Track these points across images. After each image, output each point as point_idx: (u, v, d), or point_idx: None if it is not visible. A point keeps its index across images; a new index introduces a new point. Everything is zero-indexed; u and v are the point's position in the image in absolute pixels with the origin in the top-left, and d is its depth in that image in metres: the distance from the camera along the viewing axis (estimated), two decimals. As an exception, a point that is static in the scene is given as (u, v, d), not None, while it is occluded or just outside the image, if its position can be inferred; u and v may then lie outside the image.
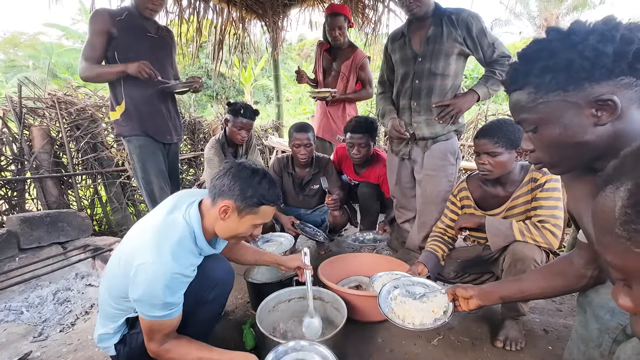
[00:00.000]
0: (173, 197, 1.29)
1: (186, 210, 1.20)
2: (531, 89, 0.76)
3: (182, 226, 1.15)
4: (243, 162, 1.22)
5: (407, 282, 1.42)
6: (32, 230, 2.44)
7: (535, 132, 0.80)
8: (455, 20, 1.87)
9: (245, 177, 1.16)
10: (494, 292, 1.14)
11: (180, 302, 1.14)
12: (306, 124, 2.49)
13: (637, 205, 0.37)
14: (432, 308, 1.26)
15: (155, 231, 1.13)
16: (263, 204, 1.18)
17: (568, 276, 1.04)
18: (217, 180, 1.19)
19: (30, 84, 3.05)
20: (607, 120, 0.71)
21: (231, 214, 1.17)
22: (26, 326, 1.85)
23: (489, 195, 1.68)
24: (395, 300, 1.34)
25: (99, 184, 3.30)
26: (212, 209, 1.20)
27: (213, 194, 1.19)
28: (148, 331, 1.14)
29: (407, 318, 1.24)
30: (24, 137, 2.91)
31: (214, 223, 1.20)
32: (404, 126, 2.03)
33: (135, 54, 2.07)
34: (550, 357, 1.48)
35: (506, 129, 1.52)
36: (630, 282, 0.42)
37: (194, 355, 1.17)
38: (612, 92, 0.69)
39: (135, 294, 1.08)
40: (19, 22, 65.78)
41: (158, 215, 1.20)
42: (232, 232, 1.21)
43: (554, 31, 0.74)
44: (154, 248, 1.07)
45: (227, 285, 1.33)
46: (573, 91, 0.71)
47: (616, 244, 0.40)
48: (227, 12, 3.94)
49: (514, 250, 1.47)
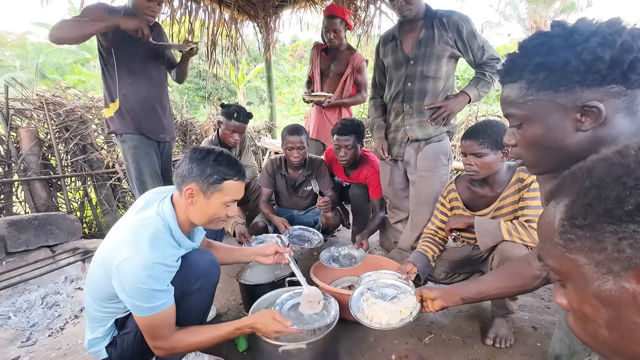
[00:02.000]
0: (143, 196, 1.30)
1: (159, 205, 1.21)
2: (524, 84, 0.75)
3: (156, 220, 1.17)
4: (197, 147, 1.25)
5: (381, 285, 1.47)
6: (19, 234, 2.40)
7: (520, 128, 0.80)
8: (446, 22, 1.89)
9: (201, 158, 1.19)
10: (456, 294, 1.20)
11: (171, 290, 1.14)
12: (299, 126, 2.48)
13: (572, 218, 0.44)
14: (400, 309, 1.32)
15: (130, 229, 1.14)
16: (225, 179, 1.20)
17: (524, 277, 1.09)
18: (178, 169, 1.22)
19: (18, 84, 3.00)
20: (589, 127, 0.71)
21: (197, 196, 1.19)
22: (14, 331, 1.82)
23: (477, 195, 1.71)
24: (367, 301, 1.39)
25: (89, 186, 3.26)
26: (180, 199, 1.22)
27: (177, 183, 1.22)
28: (151, 330, 1.13)
29: (374, 318, 1.30)
30: (11, 139, 2.86)
31: (186, 213, 1.22)
32: (386, 151, 2.18)
33: (132, 56, 2.06)
34: (539, 353, 1.51)
35: (491, 130, 1.54)
36: (565, 283, 0.48)
37: (210, 334, 1.19)
38: (599, 99, 0.68)
39: (123, 292, 1.08)
40: (6, 22, 64.68)
41: (131, 216, 1.22)
42: (205, 214, 1.22)
43: (558, 26, 0.72)
44: (131, 243, 1.09)
45: (212, 276, 1.32)
46: (563, 93, 0.71)
47: (554, 250, 0.47)
48: (219, 13, 3.93)
49: (502, 249, 1.50)
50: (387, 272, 1.65)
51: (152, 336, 1.14)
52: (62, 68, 14.55)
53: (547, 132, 0.75)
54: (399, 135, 2.12)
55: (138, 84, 2.09)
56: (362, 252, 2.13)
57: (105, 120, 2.21)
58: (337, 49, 3.02)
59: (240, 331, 1.22)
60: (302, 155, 2.41)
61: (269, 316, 1.21)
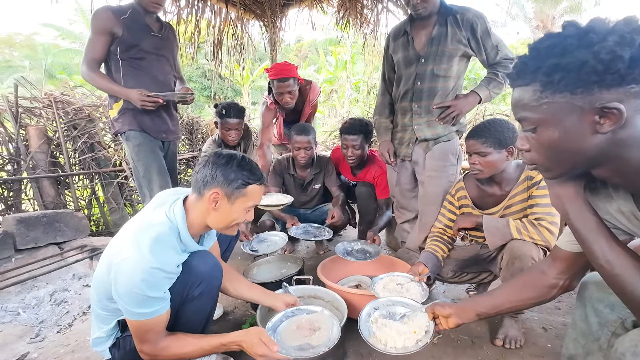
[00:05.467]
0: (158, 196, 1.29)
1: (170, 207, 1.20)
2: (537, 86, 0.72)
3: (163, 222, 1.15)
4: (218, 151, 1.23)
5: (387, 303, 1.37)
6: (28, 231, 2.42)
7: (534, 132, 0.78)
8: (460, 20, 1.83)
9: (224, 163, 1.17)
10: (471, 309, 1.12)
11: (166, 297, 1.12)
12: (306, 125, 2.45)
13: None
14: (413, 329, 1.22)
15: (136, 229, 1.13)
16: (249, 184, 1.19)
17: (537, 288, 1.04)
18: (198, 173, 1.19)
19: (27, 83, 3.04)
20: (609, 129, 0.68)
21: (221, 201, 1.17)
22: (23, 327, 1.83)
23: (486, 194, 1.69)
24: (376, 323, 1.28)
25: (97, 184, 3.28)
26: (198, 202, 1.20)
27: (197, 187, 1.19)
28: (138, 333, 1.11)
29: (389, 342, 1.19)
30: (20, 137, 2.89)
31: (203, 216, 1.20)
32: (392, 155, 2.15)
33: (138, 53, 2.06)
34: (550, 354, 1.49)
35: (494, 129, 1.53)
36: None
37: (195, 346, 1.16)
38: (619, 100, 0.65)
39: (118, 292, 1.06)
40: (15, 22, 65.50)
41: (141, 215, 1.21)
42: (227, 219, 1.21)
43: (571, 26, 0.70)
44: (133, 244, 1.07)
45: (214, 280, 1.28)
46: (581, 95, 0.68)
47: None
48: (226, 12, 3.93)
49: (512, 248, 1.48)
50: (400, 275, 1.63)
51: (139, 339, 1.13)
52: (70, 68, 14.70)
53: (564, 136, 0.73)
54: (406, 135, 2.08)
55: (142, 84, 2.08)
56: (376, 247, 2.13)
57: (111, 121, 2.21)
58: None
59: (225, 347, 1.18)
60: (309, 155, 2.39)
61: (255, 337, 1.15)
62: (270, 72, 2.54)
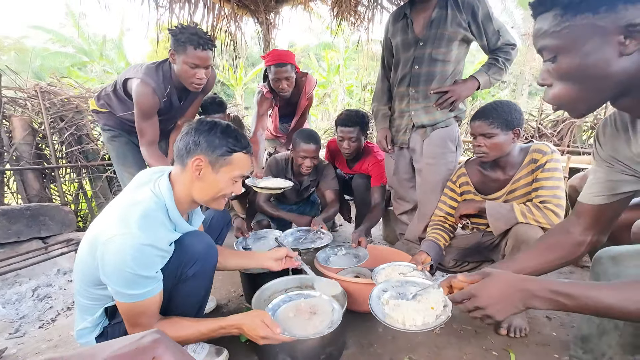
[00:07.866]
0: (139, 174, 1.22)
1: (155, 183, 1.13)
2: (558, 10, 0.69)
3: (149, 198, 1.08)
4: (201, 118, 1.17)
5: (395, 284, 1.30)
6: (10, 224, 2.31)
7: (554, 61, 0.73)
8: (461, 3, 1.78)
9: (208, 129, 1.12)
10: None
11: (159, 277, 1.05)
12: (314, 133, 2.26)
13: None
14: (430, 305, 1.16)
15: (120, 207, 1.06)
16: (234, 151, 1.13)
17: (564, 247, 0.99)
18: (180, 141, 1.13)
19: (12, 72, 2.92)
20: (635, 48, 0.64)
21: (205, 169, 1.11)
22: (2, 323, 1.73)
23: (489, 179, 1.66)
24: (388, 304, 1.21)
25: (84, 178, 3.16)
26: (182, 173, 1.14)
27: (180, 156, 1.13)
28: (130, 316, 1.04)
29: (407, 321, 1.11)
30: (3, 128, 2.76)
31: (188, 189, 1.14)
32: (390, 143, 2.13)
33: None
34: (555, 342, 1.45)
35: (502, 109, 1.50)
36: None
37: (192, 329, 1.08)
38: None
39: (106, 273, 0.99)
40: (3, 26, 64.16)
41: (124, 194, 1.14)
42: (212, 189, 1.14)
43: None
44: (120, 221, 1.00)
45: (209, 259, 1.21)
46: (604, 13, 0.64)
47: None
48: (219, 7, 3.89)
49: (517, 232, 1.44)
50: (402, 264, 1.56)
51: (130, 323, 1.06)
52: (60, 72, 14.44)
53: (585, 60, 0.69)
54: (403, 122, 2.03)
55: None
56: (364, 251, 1.90)
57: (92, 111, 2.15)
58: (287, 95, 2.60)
59: (225, 330, 1.11)
60: (314, 165, 2.25)
61: (258, 318, 1.09)
62: (268, 58, 2.45)
